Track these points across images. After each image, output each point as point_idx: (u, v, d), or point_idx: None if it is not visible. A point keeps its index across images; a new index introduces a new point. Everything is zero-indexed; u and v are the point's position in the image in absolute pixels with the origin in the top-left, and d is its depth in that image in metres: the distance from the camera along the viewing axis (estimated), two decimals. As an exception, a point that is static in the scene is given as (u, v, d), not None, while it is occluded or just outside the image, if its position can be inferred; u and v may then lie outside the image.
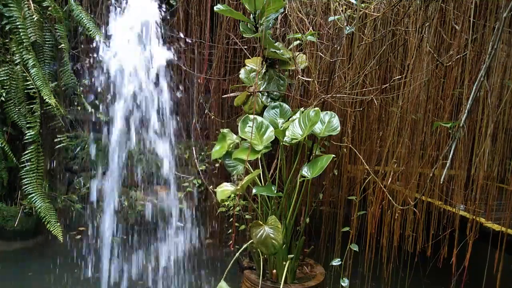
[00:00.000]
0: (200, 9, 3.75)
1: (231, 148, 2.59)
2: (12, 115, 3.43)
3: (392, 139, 2.66)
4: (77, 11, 3.53)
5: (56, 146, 3.68)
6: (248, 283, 2.54)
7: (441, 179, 1.68)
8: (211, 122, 3.97)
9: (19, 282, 3.08)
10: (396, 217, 2.74)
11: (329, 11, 2.92)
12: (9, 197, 3.65)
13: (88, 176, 3.99)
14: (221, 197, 2.38)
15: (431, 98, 2.69)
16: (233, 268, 2.52)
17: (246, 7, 2.56)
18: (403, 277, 2.94)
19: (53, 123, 3.66)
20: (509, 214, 2.46)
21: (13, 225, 3.53)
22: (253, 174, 2.29)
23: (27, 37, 3.39)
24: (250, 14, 2.60)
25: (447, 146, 2.49)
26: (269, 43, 2.64)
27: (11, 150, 3.46)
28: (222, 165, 3.64)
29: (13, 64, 3.42)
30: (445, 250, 2.78)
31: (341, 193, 3.37)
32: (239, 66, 3.68)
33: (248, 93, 2.79)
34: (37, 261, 3.40)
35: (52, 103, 3.37)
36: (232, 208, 3.42)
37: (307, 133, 2.36)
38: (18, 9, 3.39)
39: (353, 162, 3.21)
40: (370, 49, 2.87)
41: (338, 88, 2.72)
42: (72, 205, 3.90)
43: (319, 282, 2.55)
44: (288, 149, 2.91)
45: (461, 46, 2.50)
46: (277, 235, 2.25)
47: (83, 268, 3.31)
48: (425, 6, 2.40)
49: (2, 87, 3.38)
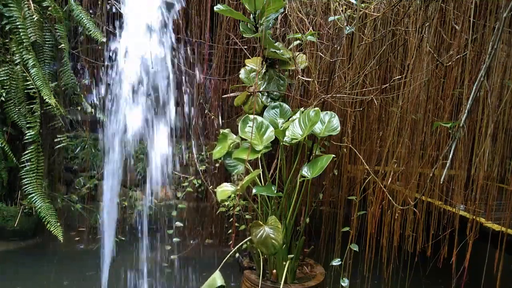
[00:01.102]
0: (200, 9, 3.75)
1: (231, 148, 2.59)
2: (12, 115, 3.43)
3: (392, 139, 2.66)
4: (77, 11, 3.53)
5: (56, 146, 3.68)
6: (248, 283, 2.54)
7: (441, 179, 1.68)
8: (211, 122, 3.97)
9: (19, 282, 3.08)
10: (396, 217, 2.73)
11: (329, 11, 2.92)
12: (9, 197, 3.65)
13: (88, 176, 4.00)
14: (221, 197, 2.38)
15: (431, 98, 2.69)
16: (232, 266, 2.52)
17: (246, 7, 2.56)
18: (403, 277, 2.94)
19: (53, 123, 3.66)
20: (509, 214, 2.46)
21: (13, 225, 3.53)
22: (253, 174, 2.29)
23: (27, 37, 3.39)
24: (250, 14, 2.60)
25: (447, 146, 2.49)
26: (269, 43, 2.64)
27: (11, 150, 3.46)
28: (222, 165, 3.65)
29: (13, 64, 3.42)
30: (445, 250, 2.78)
31: (341, 193, 3.37)
32: (239, 66, 3.68)
33: (248, 93, 2.79)
34: (37, 261, 3.40)
35: (52, 103, 3.37)
36: (232, 208, 3.42)
37: (307, 133, 2.36)
38: (18, 9, 3.39)
39: (353, 162, 3.21)
40: (370, 49, 2.87)
41: (338, 88, 2.72)
42: (72, 205, 3.90)
43: (319, 282, 2.55)
44: (288, 149, 2.91)
45: (461, 46, 2.49)
46: (277, 235, 2.25)
47: (83, 268, 3.31)
48: (425, 6, 2.40)
49: (2, 87, 3.38)
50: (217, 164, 3.81)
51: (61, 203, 3.86)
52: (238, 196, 3.00)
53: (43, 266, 3.31)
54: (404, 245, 2.86)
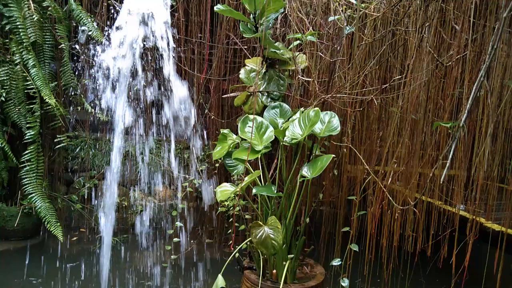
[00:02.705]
0: (200, 9, 3.75)
1: (231, 148, 2.59)
2: (12, 115, 3.43)
3: (392, 139, 2.66)
4: (77, 11, 3.53)
5: (56, 146, 3.68)
6: (248, 283, 2.54)
7: (441, 179, 1.68)
8: (211, 122, 3.97)
9: (19, 282, 3.08)
10: (396, 217, 2.73)
11: (329, 11, 2.92)
12: (9, 197, 3.65)
13: (88, 176, 4.00)
14: (221, 197, 2.38)
15: (431, 98, 2.68)
16: (232, 265, 2.52)
17: (246, 7, 2.56)
18: (403, 277, 2.94)
19: (53, 123, 3.66)
20: (509, 214, 2.46)
21: (13, 225, 3.53)
22: (253, 175, 2.29)
23: (27, 37, 3.39)
24: (250, 14, 2.60)
25: (447, 146, 2.49)
26: (269, 43, 2.64)
27: (11, 150, 3.46)
28: (222, 165, 3.64)
29: (13, 64, 3.42)
30: (445, 250, 2.78)
31: (341, 193, 3.37)
32: (239, 66, 3.68)
33: (248, 93, 2.79)
34: (37, 261, 3.40)
35: (52, 103, 3.38)
36: (232, 208, 3.42)
37: (307, 133, 2.36)
38: (18, 9, 3.39)
39: (353, 162, 3.21)
40: (370, 49, 2.87)
41: (338, 88, 2.72)
42: (72, 205, 3.90)
43: (319, 282, 2.55)
44: (288, 149, 2.91)
45: (461, 46, 2.49)
46: (277, 235, 2.25)
47: (84, 268, 3.31)
48: (425, 6, 2.40)
49: (2, 87, 3.38)
50: (217, 164, 3.81)
51: (61, 203, 3.86)
52: (238, 196, 3.00)
53: (43, 266, 3.31)
54: (404, 245, 2.86)
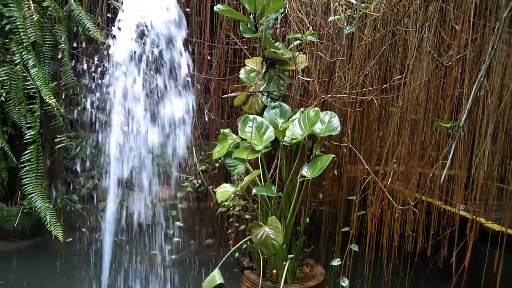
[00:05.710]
0: (200, 9, 3.75)
1: (231, 148, 2.59)
2: (12, 115, 3.43)
3: (392, 139, 2.66)
4: (77, 11, 3.53)
5: (56, 146, 3.68)
6: (248, 283, 2.54)
7: (441, 179, 1.68)
8: (211, 122, 3.97)
9: (19, 282, 3.08)
10: (396, 217, 2.73)
11: (329, 11, 2.92)
12: (9, 197, 3.65)
13: (88, 176, 3.99)
14: (221, 198, 2.38)
15: (431, 98, 2.69)
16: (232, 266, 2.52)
17: (246, 7, 2.56)
18: (403, 277, 2.94)
19: (53, 123, 3.66)
20: (509, 214, 2.46)
21: (13, 225, 3.53)
22: (253, 175, 2.29)
23: (27, 37, 3.39)
24: (250, 14, 2.60)
25: (447, 146, 2.49)
26: (269, 43, 2.64)
27: (11, 150, 3.46)
28: (222, 165, 3.64)
29: (13, 64, 3.42)
30: (445, 250, 2.78)
31: (341, 193, 3.37)
32: (239, 66, 3.67)
33: (248, 93, 2.79)
34: (37, 261, 3.40)
35: (52, 103, 3.38)
36: (232, 208, 3.42)
37: (307, 133, 2.36)
38: (18, 9, 3.39)
39: (353, 162, 3.21)
40: (370, 49, 2.87)
41: (338, 88, 2.72)
42: (72, 205, 3.90)
43: (319, 282, 2.55)
44: (288, 149, 2.91)
45: (461, 46, 2.49)
46: (277, 235, 2.25)
47: (84, 268, 3.31)
48: (425, 6, 2.40)
49: (2, 87, 3.38)
50: (217, 164, 3.81)
51: (61, 203, 3.85)
52: (238, 196, 3.00)
53: (43, 266, 3.31)
54: (404, 245, 2.86)
